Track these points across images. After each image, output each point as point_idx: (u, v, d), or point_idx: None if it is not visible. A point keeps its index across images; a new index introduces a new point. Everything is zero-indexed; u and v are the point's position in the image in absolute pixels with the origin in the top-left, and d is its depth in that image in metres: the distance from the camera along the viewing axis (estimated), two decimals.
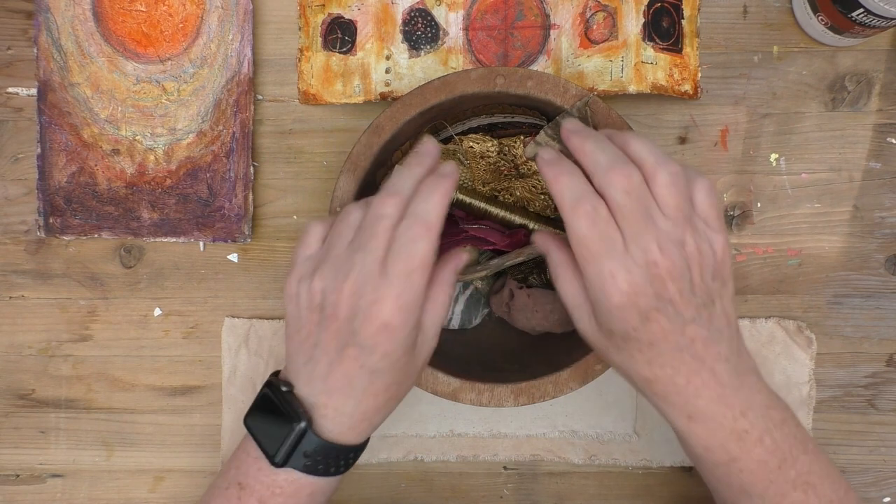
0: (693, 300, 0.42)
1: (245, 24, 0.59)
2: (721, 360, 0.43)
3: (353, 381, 0.43)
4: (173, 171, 0.60)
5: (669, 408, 0.44)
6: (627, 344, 0.42)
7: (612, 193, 0.41)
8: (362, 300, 0.41)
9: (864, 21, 0.54)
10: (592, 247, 0.40)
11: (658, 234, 0.40)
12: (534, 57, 0.58)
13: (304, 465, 0.44)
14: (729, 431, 0.43)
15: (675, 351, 0.42)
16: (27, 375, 0.62)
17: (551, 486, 0.61)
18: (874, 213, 0.60)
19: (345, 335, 0.42)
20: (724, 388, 0.43)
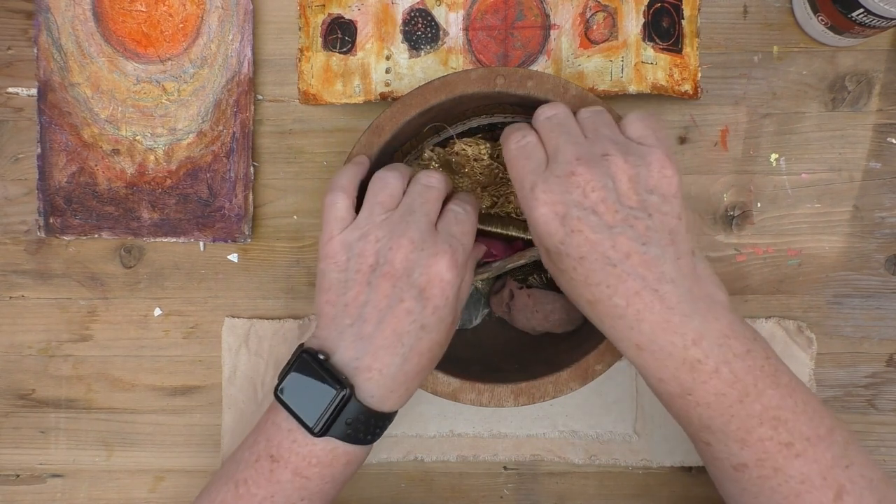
0: (621, 210, 0.41)
1: (245, 24, 0.59)
2: (666, 281, 0.40)
3: (402, 337, 0.43)
4: (173, 172, 0.60)
5: (617, 335, 0.42)
6: (563, 262, 0.42)
7: (538, 122, 0.45)
8: (421, 254, 0.43)
9: (864, 21, 0.54)
10: (517, 165, 0.44)
11: (577, 149, 0.42)
12: (534, 57, 0.58)
13: (346, 433, 0.44)
14: (680, 361, 0.40)
15: (607, 266, 0.41)
16: (27, 375, 0.62)
17: (551, 486, 0.61)
18: (874, 214, 0.60)
19: (401, 288, 0.43)
20: (671, 311, 0.40)
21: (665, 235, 0.41)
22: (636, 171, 0.41)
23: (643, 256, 0.40)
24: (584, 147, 0.42)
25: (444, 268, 0.43)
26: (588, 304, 0.43)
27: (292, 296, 0.62)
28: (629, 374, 0.60)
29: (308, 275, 0.62)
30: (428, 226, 0.44)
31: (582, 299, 0.43)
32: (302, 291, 0.62)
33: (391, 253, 0.43)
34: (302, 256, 0.62)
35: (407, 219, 0.44)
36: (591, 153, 0.42)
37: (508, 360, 0.55)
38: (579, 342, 0.53)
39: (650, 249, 0.41)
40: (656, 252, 0.41)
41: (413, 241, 0.43)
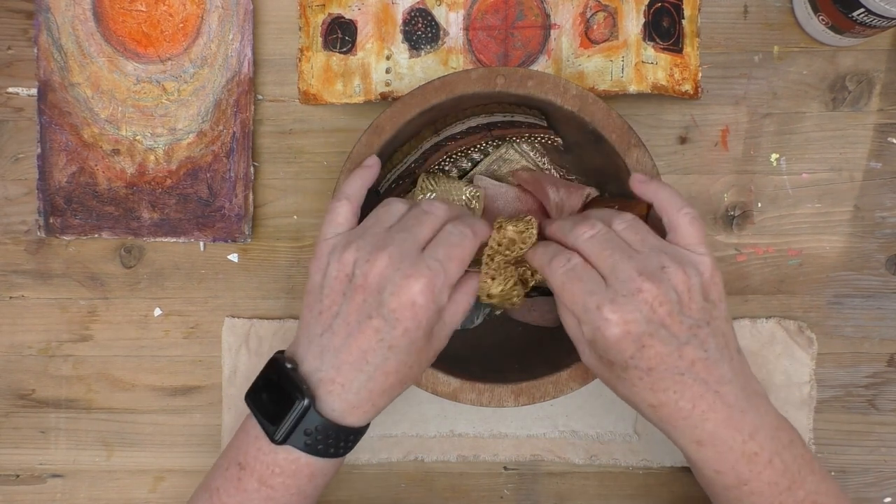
0: (685, 321, 0.42)
1: (245, 24, 0.59)
2: (725, 383, 0.43)
3: (367, 356, 0.43)
4: (173, 171, 0.60)
5: (678, 433, 0.44)
6: (628, 373, 0.43)
7: (581, 242, 0.44)
8: (396, 273, 0.42)
9: (865, 21, 0.54)
10: (573, 289, 0.43)
11: (635, 265, 0.42)
12: (534, 57, 0.58)
13: (305, 443, 0.44)
14: (739, 454, 0.43)
15: (675, 374, 0.42)
16: (27, 375, 0.62)
17: (552, 486, 0.61)
18: (875, 213, 0.60)
19: (371, 306, 0.43)
20: (731, 409, 0.43)
21: (721, 339, 0.43)
22: (692, 282, 0.43)
23: (706, 362, 0.43)
24: (641, 261, 0.42)
25: (416, 291, 0.42)
26: (651, 408, 0.44)
27: (292, 296, 0.62)
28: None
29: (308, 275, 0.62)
30: (411, 245, 0.43)
31: (644, 403, 0.44)
32: (302, 291, 0.62)
33: (367, 266, 0.43)
34: (302, 256, 0.62)
35: (393, 235, 0.44)
36: (650, 266, 0.42)
37: (509, 360, 0.55)
38: None
39: (711, 355, 0.43)
40: (715, 356, 0.43)
41: (391, 258, 0.43)
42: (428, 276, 0.42)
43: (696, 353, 0.42)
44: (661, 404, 0.43)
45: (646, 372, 0.43)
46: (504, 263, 0.48)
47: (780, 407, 0.59)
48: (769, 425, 0.44)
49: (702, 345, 0.43)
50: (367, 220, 0.46)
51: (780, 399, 0.59)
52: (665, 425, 0.45)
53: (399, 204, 0.46)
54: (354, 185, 0.48)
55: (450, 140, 0.54)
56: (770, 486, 0.44)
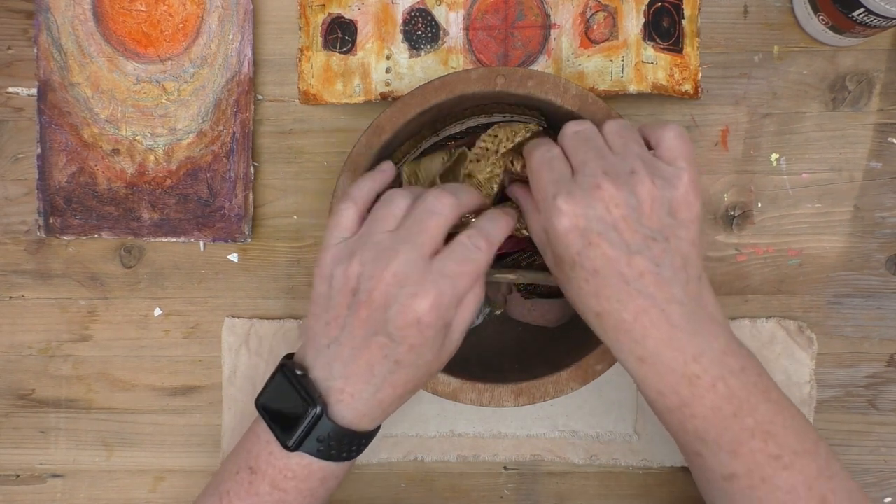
0: (640, 230, 0.41)
1: (245, 24, 0.59)
2: (674, 302, 0.41)
3: (374, 369, 0.43)
4: (173, 171, 0.60)
5: (620, 347, 0.43)
6: (574, 272, 0.42)
7: (564, 139, 0.44)
8: (402, 291, 0.41)
9: (865, 21, 0.54)
10: (540, 176, 0.43)
11: (605, 164, 0.42)
12: (534, 57, 0.58)
13: (318, 449, 0.44)
14: (679, 375, 0.42)
15: (620, 282, 0.41)
16: (27, 375, 0.62)
17: (552, 486, 0.61)
18: (875, 213, 0.60)
19: (375, 323, 0.42)
20: (675, 329, 0.41)
21: (678, 259, 0.42)
22: (661, 193, 0.42)
23: (656, 277, 0.41)
24: (612, 162, 0.42)
25: (423, 310, 0.41)
26: (595, 316, 0.43)
27: (292, 296, 0.62)
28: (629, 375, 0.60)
29: (308, 275, 0.62)
30: (418, 258, 0.41)
31: (589, 311, 0.43)
32: (302, 291, 0.62)
33: (371, 282, 0.41)
34: (302, 256, 0.62)
35: (397, 247, 0.42)
36: (618, 169, 0.42)
37: (509, 360, 0.55)
38: (579, 342, 0.53)
39: (663, 271, 0.41)
40: (668, 274, 0.42)
41: (396, 275, 0.41)
42: (434, 295, 0.41)
43: (647, 265, 0.41)
44: (605, 312, 0.42)
45: (591, 273, 0.41)
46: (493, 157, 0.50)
47: None
48: (717, 349, 0.42)
49: (654, 258, 0.41)
50: (369, 220, 0.44)
51: None
52: (607, 337, 0.43)
53: (401, 199, 0.44)
54: (363, 188, 0.46)
55: (449, 140, 0.54)
56: (713, 410, 0.42)
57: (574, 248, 0.42)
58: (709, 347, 0.42)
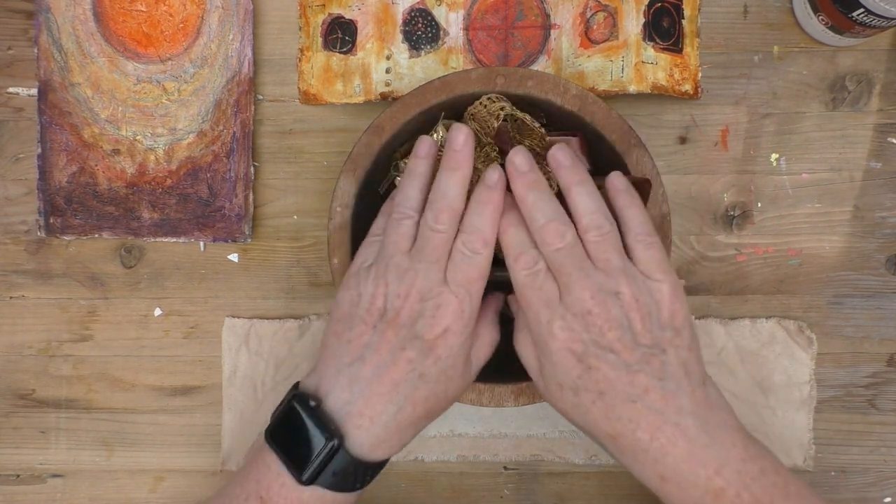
0: (637, 349, 0.42)
1: (245, 24, 0.60)
2: (685, 414, 0.42)
3: (398, 386, 0.43)
4: (174, 171, 0.60)
5: (640, 467, 0.43)
6: (579, 396, 0.43)
7: (546, 251, 0.43)
8: (426, 305, 0.43)
9: (865, 21, 0.54)
10: (531, 298, 0.44)
11: (590, 285, 0.42)
12: (534, 57, 0.58)
13: (332, 482, 0.44)
14: (703, 491, 0.42)
15: (627, 402, 0.42)
16: (27, 375, 0.62)
17: (552, 486, 0.61)
18: (875, 213, 0.60)
19: (404, 338, 0.43)
20: (693, 444, 0.42)
21: (679, 369, 0.43)
22: (648, 311, 0.43)
23: (661, 392, 0.42)
24: (597, 281, 0.42)
25: (448, 320, 0.43)
26: (609, 438, 0.43)
27: (292, 296, 0.62)
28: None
29: (308, 275, 0.62)
30: (436, 274, 0.44)
31: (601, 433, 0.44)
32: (302, 291, 0.62)
33: (398, 301, 0.44)
34: (302, 256, 0.62)
35: (416, 266, 0.44)
36: (603, 290, 0.42)
37: (508, 360, 0.55)
38: None
39: (667, 384, 0.42)
40: (672, 386, 0.42)
41: (420, 293, 0.43)
42: (455, 304, 0.43)
43: (649, 381, 0.42)
44: (619, 434, 0.43)
45: (597, 395, 0.42)
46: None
47: (780, 407, 0.59)
48: (736, 458, 0.42)
49: (655, 373, 0.42)
50: (383, 247, 0.45)
51: (780, 399, 0.59)
52: (627, 459, 0.44)
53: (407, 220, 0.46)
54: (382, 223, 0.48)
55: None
56: None
57: (574, 373, 0.43)
58: (728, 457, 0.42)
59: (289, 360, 0.61)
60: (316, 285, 0.62)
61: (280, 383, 0.60)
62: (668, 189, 0.60)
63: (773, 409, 0.60)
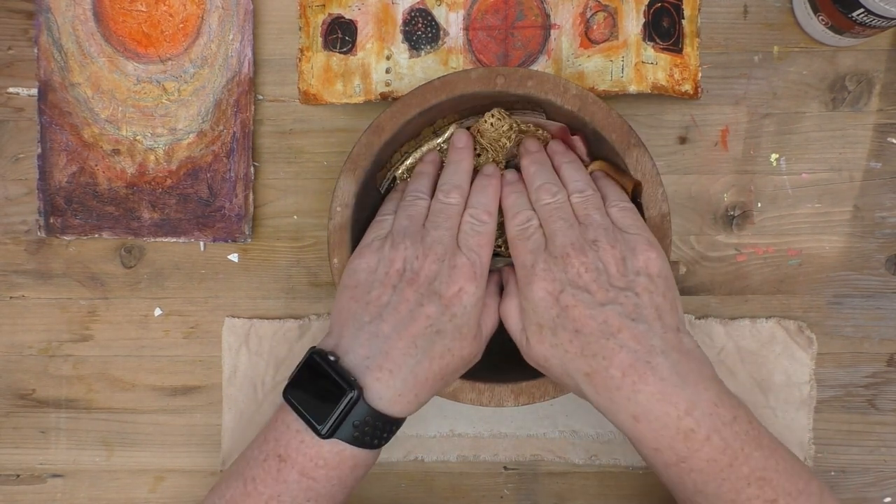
0: (611, 290, 0.45)
1: (245, 24, 0.60)
2: (656, 354, 0.44)
3: (417, 341, 0.46)
4: (174, 171, 0.60)
5: (615, 407, 0.44)
6: (557, 336, 0.46)
7: (539, 206, 0.49)
8: (443, 266, 0.47)
9: (865, 21, 0.54)
10: (521, 247, 0.48)
11: (571, 234, 0.47)
12: (534, 57, 0.58)
13: (352, 436, 0.45)
14: (675, 431, 0.43)
15: (601, 338, 0.44)
16: (27, 375, 0.62)
17: (552, 486, 0.61)
18: (875, 213, 0.60)
19: (422, 295, 0.46)
20: (665, 383, 0.43)
21: (652, 311, 0.45)
22: (623, 256, 0.46)
23: (633, 331, 0.44)
24: (577, 232, 0.47)
25: (463, 279, 0.47)
26: (585, 377, 0.45)
27: (292, 296, 0.62)
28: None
29: (308, 274, 0.62)
30: (450, 240, 0.48)
31: (578, 372, 0.45)
32: (302, 291, 0.62)
33: (417, 262, 0.47)
34: (302, 256, 0.62)
35: (432, 233, 0.48)
36: (583, 239, 0.47)
37: (508, 360, 0.55)
38: None
39: (639, 325, 0.44)
40: (644, 327, 0.44)
41: (437, 254, 0.47)
42: (468, 265, 0.47)
43: (622, 320, 0.44)
44: (594, 371, 0.44)
45: (573, 334, 0.45)
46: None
47: (780, 407, 0.59)
48: (707, 401, 0.43)
49: (628, 313, 0.45)
50: (399, 220, 0.49)
51: (780, 399, 0.59)
52: (600, 398, 0.45)
53: (421, 200, 0.50)
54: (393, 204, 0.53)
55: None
56: (709, 463, 0.43)
57: (553, 312, 0.46)
58: (699, 399, 0.43)
59: (289, 360, 0.61)
60: (316, 285, 0.62)
61: (280, 383, 0.60)
62: (668, 189, 0.60)
63: (773, 409, 0.60)
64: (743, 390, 0.60)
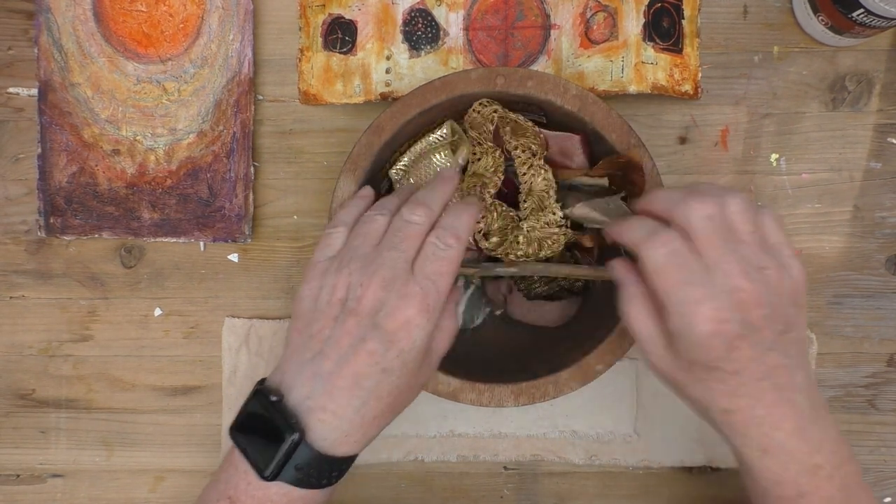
0: (774, 327, 0.41)
1: (245, 24, 0.60)
2: (799, 391, 0.42)
3: (360, 380, 0.42)
4: (174, 172, 0.60)
5: (744, 440, 0.43)
6: (710, 374, 0.42)
7: (694, 220, 0.41)
8: (390, 294, 0.42)
9: (865, 21, 0.54)
10: (673, 275, 0.41)
11: (738, 260, 0.41)
12: (534, 57, 0.58)
13: (296, 478, 0.43)
14: (802, 466, 0.42)
15: (757, 380, 0.41)
16: (27, 375, 0.62)
17: (552, 486, 0.61)
18: (874, 213, 0.60)
19: (365, 328, 0.42)
20: (803, 419, 0.42)
21: (800, 346, 0.43)
22: (786, 287, 0.42)
23: (786, 369, 0.42)
24: (745, 256, 0.41)
25: (412, 312, 0.42)
26: (723, 414, 0.43)
27: (292, 296, 0.62)
28: (629, 374, 0.60)
29: None
30: (403, 264, 0.43)
31: (717, 408, 0.43)
32: None
33: (360, 290, 0.42)
34: (302, 256, 0.62)
35: (383, 254, 0.43)
36: (752, 264, 0.41)
37: (508, 360, 0.55)
38: (579, 342, 0.53)
39: (790, 361, 0.42)
40: (793, 364, 0.42)
41: (384, 280, 0.42)
42: (421, 296, 0.42)
43: (780, 359, 0.41)
44: (737, 410, 0.42)
45: (730, 374, 0.41)
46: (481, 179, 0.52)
47: None
48: (832, 439, 0.43)
49: (785, 351, 0.41)
50: (352, 238, 0.45)
51: None
52: (733, 432, 0.43)
53: (380, 217, 0.45)
54: (351, 214, 0.48)
55: None
56: (826, 500, 0.42)
57: (715, 353, 0.41)
58: (827, 436, 0.42)
59: None
60: None
61: None
62: None
63: None
64: None
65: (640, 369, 0.60)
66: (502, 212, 0.53)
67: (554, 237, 0.52)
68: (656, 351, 0.43)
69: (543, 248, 0.52)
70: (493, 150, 0.53)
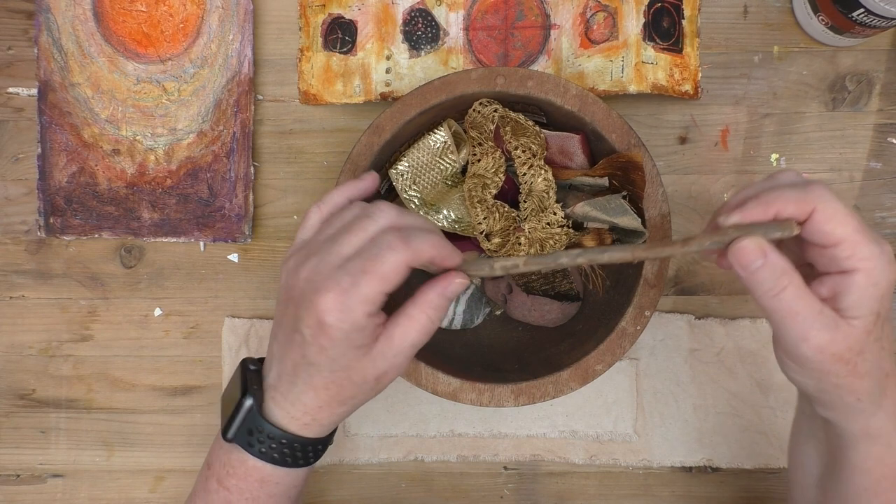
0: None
1: (245, 24, 0.59)
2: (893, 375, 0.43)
3: (297, 370, 0.42)
4: (174, 171, 0.60)
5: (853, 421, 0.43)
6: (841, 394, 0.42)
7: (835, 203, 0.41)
8: (309, 287, 0.40)
9: (865, 21, 0.54)
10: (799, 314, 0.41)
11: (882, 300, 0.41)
12: (534, 57, 0.58)
13: (248, 442, 0.43)
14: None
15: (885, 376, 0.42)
16: (27, 375, 0.62)
17: (552, 486, 0.61)
18: (875, 213, 0.60)
19: (296, 319, 0.41)
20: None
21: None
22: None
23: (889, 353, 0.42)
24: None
25: (322, 308, 0.39)
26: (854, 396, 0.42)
27: None
28: (629, 374, 0.60)
29: None
30: (333, 257, 0.40)
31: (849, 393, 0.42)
32: None
33: (293, 279, 0.41)
34: None
35: (323, 246, 0.41)
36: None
37: (509, 360, 0.55)
38: (579, 342, 0.53)
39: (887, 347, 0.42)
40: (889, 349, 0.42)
41: (310, 271, 0.40)
42: (335, 292, 0.39)
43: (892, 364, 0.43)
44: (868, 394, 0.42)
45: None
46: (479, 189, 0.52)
47: (780, 407, 0.59)
48: None
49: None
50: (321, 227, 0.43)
51: (780, 399, 0.59)
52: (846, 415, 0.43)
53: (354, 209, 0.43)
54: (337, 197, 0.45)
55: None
56: None
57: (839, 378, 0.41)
58: None
59: None
60: None
61: None
62: (669, 189, 0.60)
63: (773, 409, 0.60)
64: (743, 390, 0.60)
65: (639, 369, 0.60)
66: (504, 213, 0.53)
67: (556, 237, 0.52)
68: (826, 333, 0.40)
69: (545, 249, 0.52)
70: (493, 151, 0.53)
